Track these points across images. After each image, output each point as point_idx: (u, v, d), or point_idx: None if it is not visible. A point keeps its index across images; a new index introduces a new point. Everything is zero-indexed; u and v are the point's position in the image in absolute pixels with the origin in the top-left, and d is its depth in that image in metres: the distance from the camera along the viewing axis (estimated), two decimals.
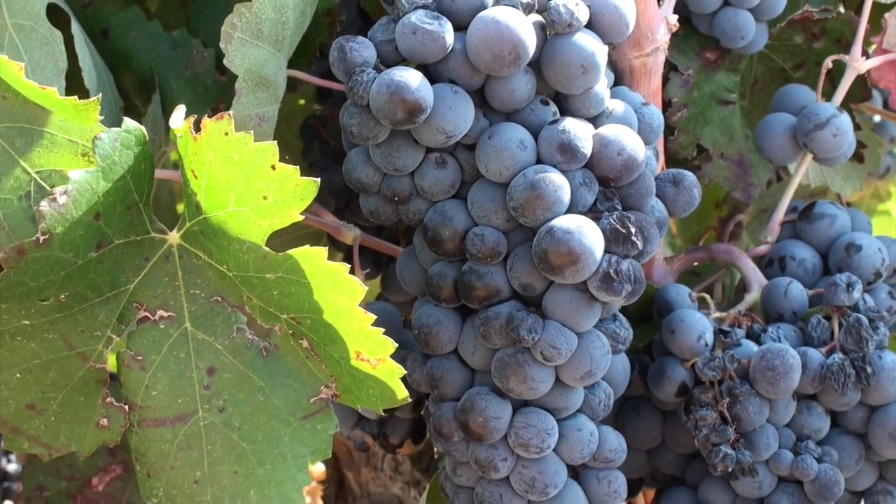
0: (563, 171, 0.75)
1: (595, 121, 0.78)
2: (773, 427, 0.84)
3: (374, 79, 0.74)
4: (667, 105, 0.96)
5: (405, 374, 0.75)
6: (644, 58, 0.85)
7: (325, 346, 0.75)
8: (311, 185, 0.71)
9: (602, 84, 0.78)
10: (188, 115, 0.73)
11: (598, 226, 0.74)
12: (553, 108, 0.77)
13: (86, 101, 0.72)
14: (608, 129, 0.77)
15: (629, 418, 0.89)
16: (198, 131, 0.71)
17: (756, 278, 0.90)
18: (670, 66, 0.96)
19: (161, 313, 0.77)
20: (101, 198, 0.72)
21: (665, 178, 0.81)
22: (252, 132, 0.70)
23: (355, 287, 0.73)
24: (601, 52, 0.76)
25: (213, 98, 0.94)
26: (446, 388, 0.80)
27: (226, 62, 0.79)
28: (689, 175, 0.81)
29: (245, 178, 0.71)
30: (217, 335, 0.77)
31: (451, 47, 0.74)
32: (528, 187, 0.74)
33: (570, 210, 0.75)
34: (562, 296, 0.76)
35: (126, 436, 0.78)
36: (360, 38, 0.75)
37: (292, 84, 0.89)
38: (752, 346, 0.84)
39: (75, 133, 0.73)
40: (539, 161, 0.76)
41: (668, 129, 0.96)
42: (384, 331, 0.74)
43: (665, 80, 0.95)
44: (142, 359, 0.77)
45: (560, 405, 0.79)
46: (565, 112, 0.78)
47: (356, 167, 0.79)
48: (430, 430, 0.84)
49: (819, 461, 0.84)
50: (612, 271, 0.74)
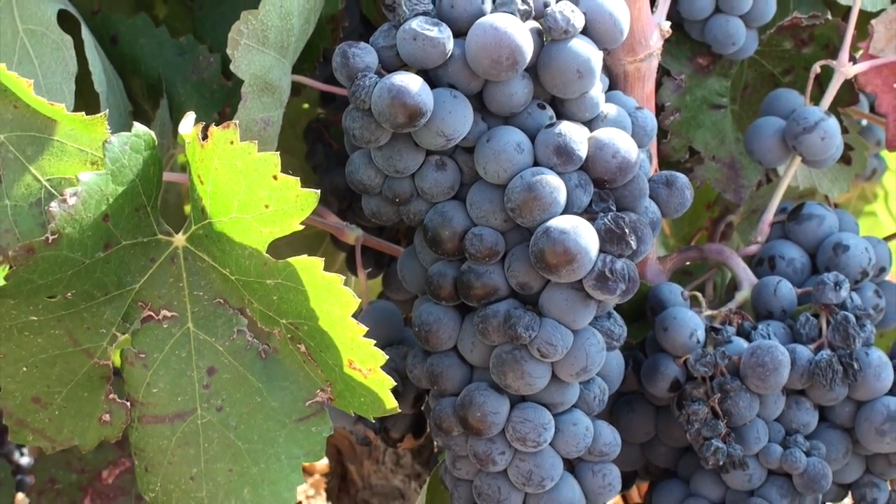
0: (560, 173, 0.75)
1: (590, 124, 0.78)
2: (762, 421, 0.84)
3: (376, 83, 0.74)
4: (660, 109, 0.96)
5: (397, 384, 0.75)
6: (638, 63, 0.85)
7: (320, 352, 0.75)
8: (312, 197, 0.71)
9: (597, 88, 0.78)
10: (195, 120, 0.73)
11: (594, 226, 0.74)
12: (549, 111, 0.77)
13: (93, 117, 0.72)
14: (603, 133, 0.76)
15: (623, 413, 0.89)
16: (205, 138, 0.71)
17: (746, 277, 0.90)
18: (663, 71, 0.96)
19: (165, 313, 0.77)
20: (110, 200, 0.72)
21: (658, 180, 0.81)
22: (256, 141, 0.70)
23: (349, 298, 0.73)
24: (596, 58, 0.76)
25: (219, 102, 0.94)
26: (446, 384, 0.80)
27: (232, 68, 0.79)
28: (682, 177, 0.81)
29: (248, 187, 0.71)
30: (218, 336, 0.77)
31: (451, 53, 0.74)
32: (525, 189, 0.74)
33: (566, 211, 0.75)
34: (558, 294, 0.76)
35: (126, 431, 0.78)
36: (363, 44, 0.75)
37: (297, 89, 0.88)
38: (742, 343, 0.84)
39: (84, 142, 0.73)
40: (536, 163, 0.76)
41: (661, 133, 0.96)
42: (375, 343, 0.73)
43: (658, 84, 0.95)
44: (144, 356, 0.77)
45: (556, 400, 0.79)
46: (561, 116, 0.78)
47: (358, 169, 0.78)
48: (430, 424, 0.84)
49: (808, 455, 0.84)
50: (606, 270, 0.74)
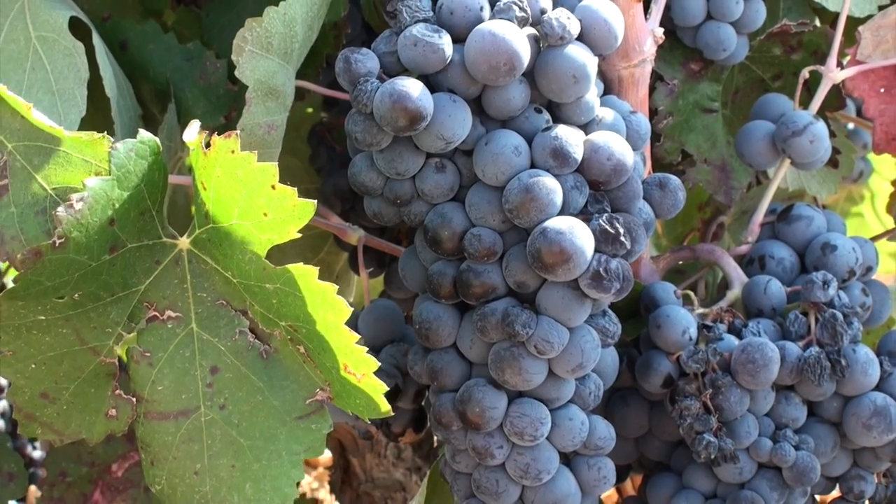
0: (556, 176, 0.75)
1: (586, 128, 0.78)
2: (753, 416, 0.84)
3: (378, 88, 0.73)
4: (653, 113, 0.96)
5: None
6: (632, 68, 0.85)
7: (318, 354, 0.75)
8: (308, 207, 0.71)
9: (592, 93, 0.77)
10: (202, 121, 0.73)
11: (589, 227, 0.74)
12: (546, 115, 0.77)
13: (94, 137, 0.72)
14: (598, 136, 0.76)
15: (618, 408, 0.89)
16: (208, 147, 0.71)
17: (737, 276, 0.90)
18: (657, 76, 0.96)
19: (169, 313, 0.77)
20: (116, 204, 0.72)
21: (651, 182, 0.81)
22: (256, 151, 0.71)
23: (342, 307, 0.73)
24: (591, 63, 0.75)
25: (226, 107, 0.94)
26: (445, 380, 0.80)
27: (237, 73, 0.79)
28: (674, 179, 0.81)
29: (248, 195, 0.71)
30: (221, 337, 0.77)
31: (451, 58, 0.74)
32: (522, 190, 0.74)
33: (562, 212, 0.75)
34: (554, 293, 0.76)
35: (133, 426, 0.78)
36: (365, 50, 0.75)
37: (300, 93, 0.88)
38: (733, 340, 0.84)
39: (89, 154, 0.73)
40: (533, 166, 0.75)
41: (655, 136, 0.96)
42: (367, 350, 0.74)
43: (652, 89, 0.94)
44: (150, 355, 0.77)
45: (553, 396, 0.79)
46: (558, 119, 0.77)
47: (361, 171, 0.78)
48: (430, 419, 0.84)
49: (797, 448, 0.84)
50: (601, 270, 0.74)
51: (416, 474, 1.24)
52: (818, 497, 0.90)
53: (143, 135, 0.73)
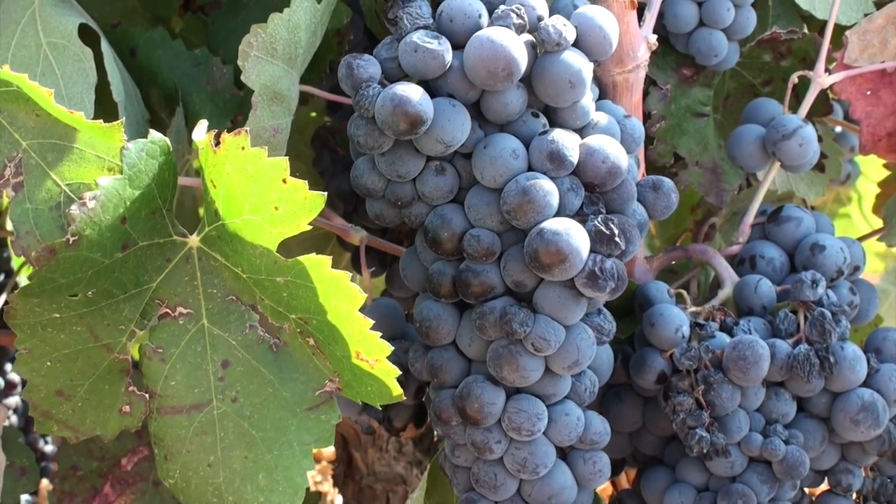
0: (552, 178, 0.75)
1: (581, 132, 0.78)
2: (744, 412, 0.84)
3: (379, 93, 0.73)
4: (647, 117, 0.96)
5: (400, 375, 0.75)
6: (626, 74, 0.85)
7: (328, 345, 0.75)
8: (319, 199, 0.71)
9: (588, 98, 0.77)
10: (209, 127, 0.73)
11: (585, 228, 0.74)
12: (543, 119, 0.77)
13: (111, 124, 0.72)
14: (593, 139, 0.76)
15: (613, 404, 0.89)
16: (217, 145, 0.71)
17: (728, 276, 0.90)
18: (650, 82, 0.96)
19: (181, 310, 0.77)
20: (128, 203, 0.71)
21: (645, 184, 0.81)
22: (266, 147, 0.70)
23: (356, 294, 0.73)
24: (587, 69, 0.75)
25: (232, 111, 0.94)
26: (445, 377, 0.80)
27: (243, 78, 0.79)
28: (668, 181, 0.81)
29: (258, 190, 0.71)
30: (231, 331, 0.77)
31: (450, 64, 0.74)
32: (520, 192, 0.74)
33: (559, 213, 0.75)
34: (551, 292, 0.76)
35: (146, 421, 0.78)
36: (367, 56, 0.75)
37: (304, 98, 0.88)
38: (725, 338, 0.84)
39: (102, 149, 0.73)
40: (530, 168, 0.75)
41: (648, 139, 0.96)
42: (381, 335, 0.73)
43: (645, 94, 0.94)
44: (162, 351, 0.77)
45: (549, 392, 0.79)
46: (554, 123, 0.77)
47: (363, 174, 0.78)
48: (430, 415, 0.83)
49: (786, 443, 0.84)
50: (596, 269, 0.74)
51: (416, 468, 1.24)
52: (807, 490, 0.90)
53: (154, 135, 0.73)
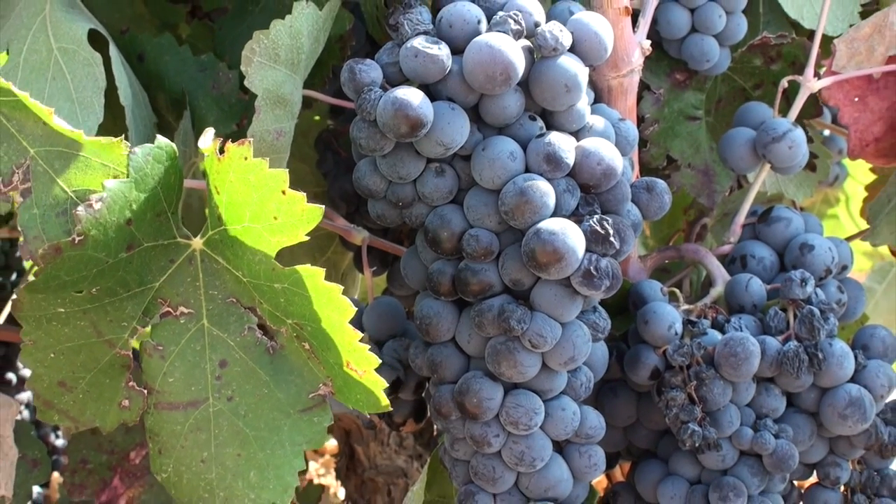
0: (549, 179, 0.75)
1: (577, 134, 0.78)
2: (735, 407, 0.84)
3: (381, 97, 0.73)
4: (641, 120, 0.96)
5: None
6: (621, 78, 0.85)
7: (322, 351, 0.75)
8: (317, 211, 0.71)
9: (583, 102, 0.77)
10: (215, 128, 0.73)
11: (580, 228, 0.74)
12: (540, 123, 0.77)
13: (111, 141, 0.72)
14: (589, 142, 0.76)
15: (607, 399, 0.89)
16: (222, 153, 0.71)
17: (720, 274, 0.90)
18: (644, 86, 0.96)
19: (182, 309, 0.77)
20: (133, 205, 0.72)
21: (639, 186, 0.81)
22: (269, 154, 0.70)
23: (347, 306, 0.73)
24: (583, 74, 0.75)
25: (237, 115, 0.94)
26: (445, 373, 0.80)
27: (246, 83, 0.79)
28: (661, 183, 0.81)
29: (259, 200, 0.71)
30: (230, 332, 0.77)
31: (450, 69, 0.74)
32: (517, 193, 0.74)
33: (555, 214, 0.75)
34: (548, 290, 0.75)
35: (143, 416, 0.78)
36: (368, 61, 0.75)
37: (308, 102, 0.88)
38: (716, 335, 0.84)
39: (108, 158, 0.73)
40: (527, 170, 0.75)
41: (642, 142, 0.96)
42: (369, 347, 0.74)
43: (639, 98, 0.94)
44: (162, 349, 0.77)
45: (546, 387, 0.79)
46: (551, 127, 0.77)
47: (365, 176, 0.78)
48: (430, 409, 0.83)
49: (776, 437, 0.84)
50: (592, 268, 0.74)
51: (417, 461, 1.24)
52: (797, 482, 0.90)
53: (161, 140, 0.73)
